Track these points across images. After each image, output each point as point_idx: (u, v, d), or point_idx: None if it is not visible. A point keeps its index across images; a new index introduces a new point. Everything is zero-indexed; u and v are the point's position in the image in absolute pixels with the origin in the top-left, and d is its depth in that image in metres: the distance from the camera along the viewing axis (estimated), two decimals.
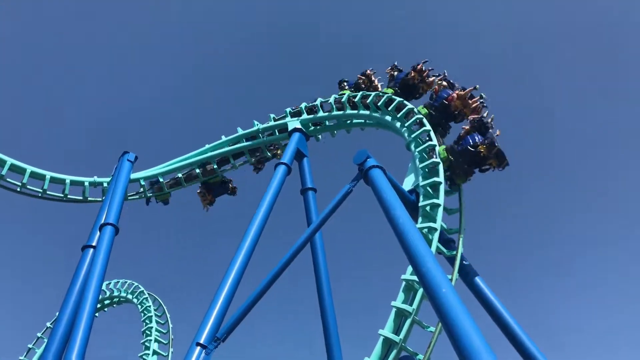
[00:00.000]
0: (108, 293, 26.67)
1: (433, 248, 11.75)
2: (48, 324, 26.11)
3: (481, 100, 15.48)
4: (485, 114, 14.57)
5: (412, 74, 17.90)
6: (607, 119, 47.27)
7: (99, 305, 22.70)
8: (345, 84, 20.94)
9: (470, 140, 13.80)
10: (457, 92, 15.63)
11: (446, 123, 16.18)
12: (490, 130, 13.87)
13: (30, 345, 25.91)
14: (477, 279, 14.03)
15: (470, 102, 15.42)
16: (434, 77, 17.61)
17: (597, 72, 48.02)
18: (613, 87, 46.62)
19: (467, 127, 14.26)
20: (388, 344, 10.81)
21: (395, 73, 18.90)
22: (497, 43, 53.98)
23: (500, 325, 13.67)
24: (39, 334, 26.30)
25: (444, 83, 16.53)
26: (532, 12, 50.30)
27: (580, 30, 50.10)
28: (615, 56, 46.80)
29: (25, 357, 25.50)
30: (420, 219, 12.90)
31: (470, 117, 14.74)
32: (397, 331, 10.92)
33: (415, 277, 11.10)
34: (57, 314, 16.12)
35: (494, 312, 13.65)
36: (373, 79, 20.08)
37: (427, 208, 13.05)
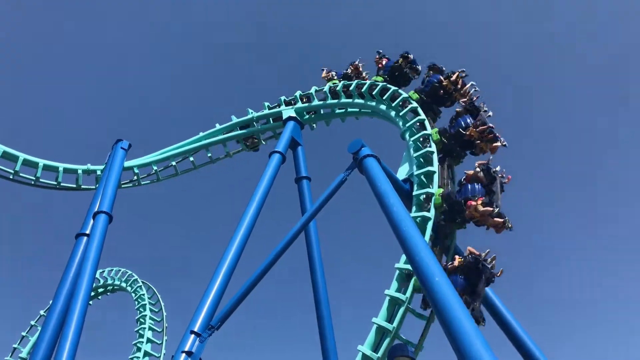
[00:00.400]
0: (102, 281, 26.62)
1: (427, 237, 11.79)
2: (42, 312, 26.07)
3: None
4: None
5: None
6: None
7: (92, 294, 22.67)
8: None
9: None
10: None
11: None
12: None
13: (23, 334, 25.88)
14: None
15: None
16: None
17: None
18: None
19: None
20: (381, 332, 10.88)
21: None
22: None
23: (493, 315, 13.78)
24: (32, 322, 26.24)
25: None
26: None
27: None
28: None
29: (19, 344, 25.48)
30: (414, 208, 12.91)
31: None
32: (390, 319, 10.99)
33: (408, 266, 11.15)
34: (50, 302, 16.13)
35: (488, 302, 13.73)
36: (361, 70, 19.81)
37: (421, 197, 13.07)
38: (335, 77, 20.17)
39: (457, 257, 11.61)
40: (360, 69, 19.77)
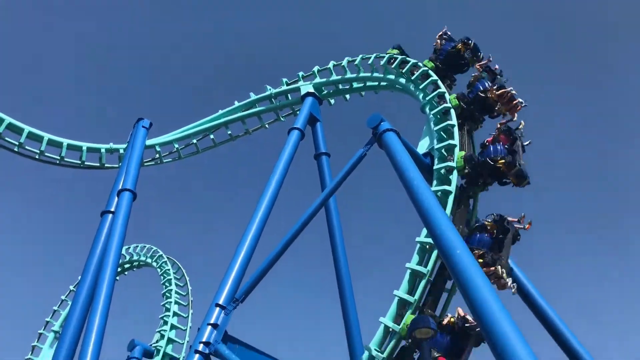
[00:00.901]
0: (128, 257, 27.25)
1: (448, 211, 11.77)
2: (71, 287, 26.85)
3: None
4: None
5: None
6: None
7: (119, 269, 23.21)
8: (443, 42, 17.11)
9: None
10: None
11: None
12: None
13: (55, 308, 26.80)
14: None
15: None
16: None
17: None
18: None
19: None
20: (403, 304, 11.00)
21: (444, 42, 16.62)
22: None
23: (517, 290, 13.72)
24: (62, 297, 27.13)
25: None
26: None
27: None
28: None
29: (51, 318, 26.38)
30: (435, 182, 12.88)
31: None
32: (411, 292, 11.09)
33: (429, 240, 11.19)
34: (79, 277, 16.62)
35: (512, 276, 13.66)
36: (471, 44, 16.43)
37: (442, 171, 13.01)
38: (439, 53, 16.78)
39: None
40: (472, 45, 16.36)
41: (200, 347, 11.50)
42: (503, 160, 12.48)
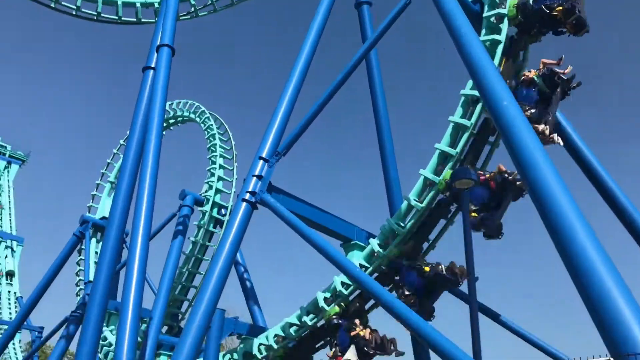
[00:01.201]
0: (172, 113, 27.80)
1: (496, 61, 11.23)
2: (121, 141, 28.17)
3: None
4: None
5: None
6: None
7: (164, 124, 23.96)
8: None
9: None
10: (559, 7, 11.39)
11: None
12: None
13: (108, 160, 28.58)
14: None
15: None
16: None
17: None
18: None
19: None
20: (444, 157, 11.10)
21: None
22: None
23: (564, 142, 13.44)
24: (114, 150, 28.70)
25: None
26: None
27: None
28: None
29: (106, 170, 28.24)
30: (484, 31, 12.11)
31: None
32: (453, 145, 11.11)
33: (475, 92, 10.88)
34: (127, 132, 17.28)
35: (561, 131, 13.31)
36: None
37: (492, 19, 12.15)
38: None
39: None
40: (575, 17, 11.83)
41: (247, 196, 12.15)
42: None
